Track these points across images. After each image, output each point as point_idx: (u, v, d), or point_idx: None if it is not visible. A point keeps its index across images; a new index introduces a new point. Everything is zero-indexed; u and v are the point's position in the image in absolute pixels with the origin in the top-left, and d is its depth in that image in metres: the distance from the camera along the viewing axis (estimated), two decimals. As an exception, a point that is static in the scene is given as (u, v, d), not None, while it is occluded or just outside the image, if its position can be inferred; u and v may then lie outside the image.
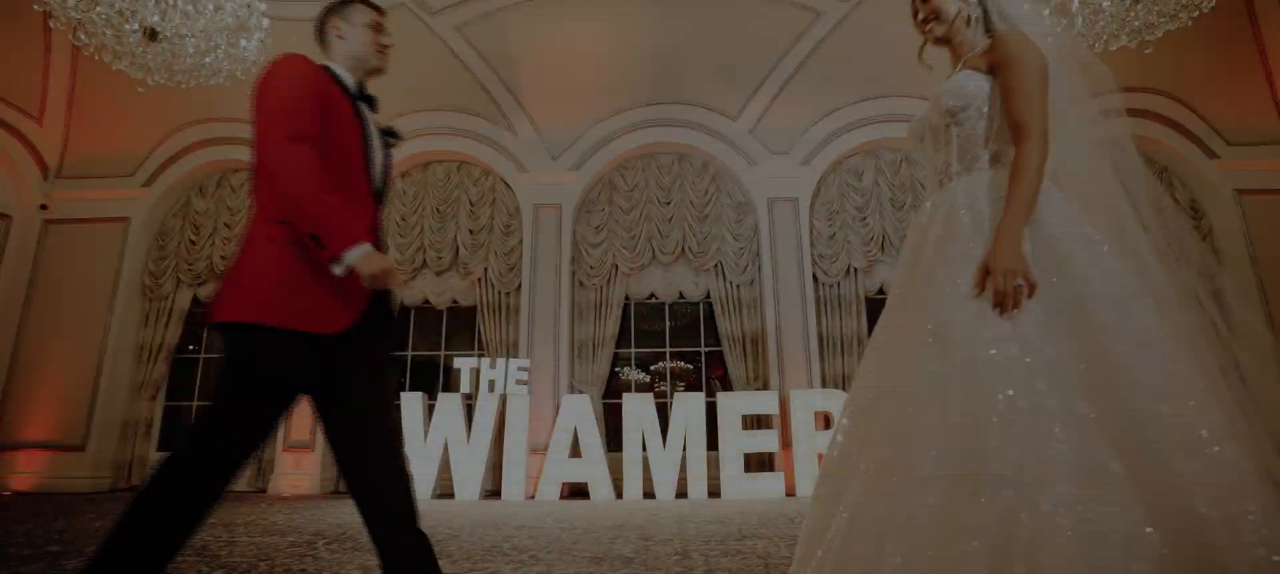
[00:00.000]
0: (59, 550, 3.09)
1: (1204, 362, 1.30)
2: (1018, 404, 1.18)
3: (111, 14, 4.58)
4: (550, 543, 3.34)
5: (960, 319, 1.31)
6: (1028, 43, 1.53)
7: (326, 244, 1.51)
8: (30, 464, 6.76)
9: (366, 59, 1.87)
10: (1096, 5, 4.54)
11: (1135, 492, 1.10)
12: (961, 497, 1.14)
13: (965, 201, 1.49)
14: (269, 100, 1.59)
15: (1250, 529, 1.07)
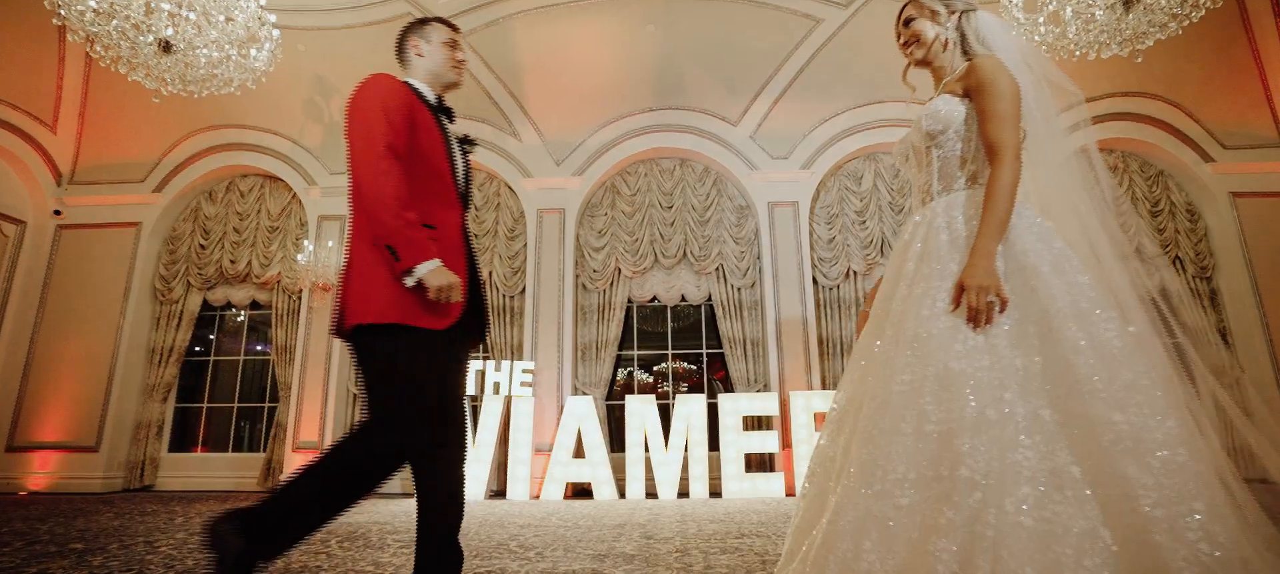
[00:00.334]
0: (82, 547, 3.21)
1: (1163, 370, 1.38)
2: (987, 413, 1.27)
3: (126, 27, 4.70)
4: (555, 541, 3.45)
5: (935, 332, 1.40)
6: (1001, 68, 1.62)
7: (400, 258, 1.63)
8: (45, 465, 6.90)
9: (444, 74, 2.01)
10: (1089, 15, 4.63)
11: (1092, 494, 1.20)
12: (933, 499, 1.24)
13: (944, 221, 1.59)
14: (361, 119, 1.71)
15: (1195, 527, 1.16)
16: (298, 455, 6.83)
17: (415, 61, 1.99)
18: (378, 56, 6.83)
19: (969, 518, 1.18)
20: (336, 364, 7.08)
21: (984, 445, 1.24)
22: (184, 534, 3.68)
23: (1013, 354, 1.35)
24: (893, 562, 1.21)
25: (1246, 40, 6.65)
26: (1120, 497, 1.20)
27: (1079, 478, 1.20)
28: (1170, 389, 1.35)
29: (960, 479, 1.22)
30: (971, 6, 1.79)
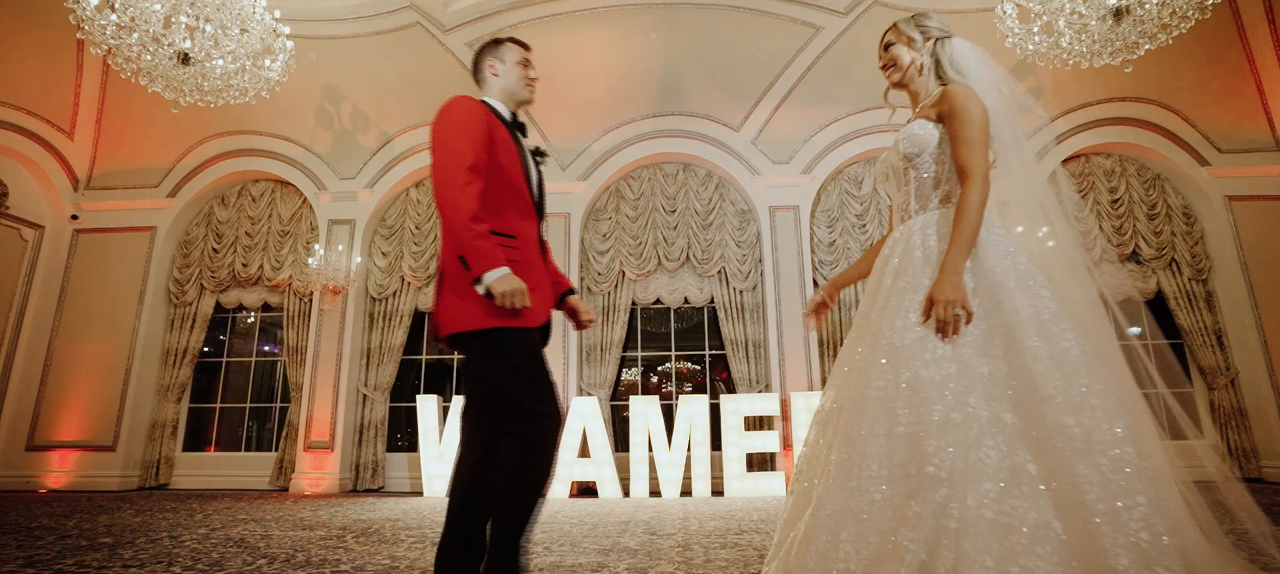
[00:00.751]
0: (112, 541, 3.36)
1: (1118, 378, 1.50)
2: (952, 416, 1.40)
3: (146, 39, 4.86)
4: (561, 537, 3.59)
5: (908, 342, 1.53)
6: (972, 95, 1.73)
7: (470, 267, 1.74)
8: (64, 463, 7.08)
9: (518, 92, 2.11)
10: (1082, 25, 4.75)
11: (1046, 489, 1.32)
12: (903, 494, 1.36)
13: (918, 238, 1.71)
14: (444, 139, 1.85)
15: (1137, 518, 1.28)
16: (309, 454, 6.99)
17: (491, 81, 2.10)
18: (386, 65, 7.02)
19: (935, 511, 1.31)
20: (347, 366, 7.24)
21: (949, 446, 1.36)
22: (205, 530, 3.83)
23: (979, 362, 1.47)
24: (866, 552, 1.34)
25: (1241, 47, 6.75)
26: (1071, 491, 1.32)
27: (1035, 475, 1.33)
28: (1123, 396, 1.46)
29: (927, 476, 1.35)
30: (946, 34, 1.90)
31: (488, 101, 2.05)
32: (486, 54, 2.13)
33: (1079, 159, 7.59)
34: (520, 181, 1.97)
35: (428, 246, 7.60)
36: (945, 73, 1.86)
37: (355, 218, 7.64)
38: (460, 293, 1.81)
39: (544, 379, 1.83)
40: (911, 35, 1.90)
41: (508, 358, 1.80)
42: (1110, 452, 1.34)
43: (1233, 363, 6.97)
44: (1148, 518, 1.28)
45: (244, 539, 3.50)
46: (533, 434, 1.77)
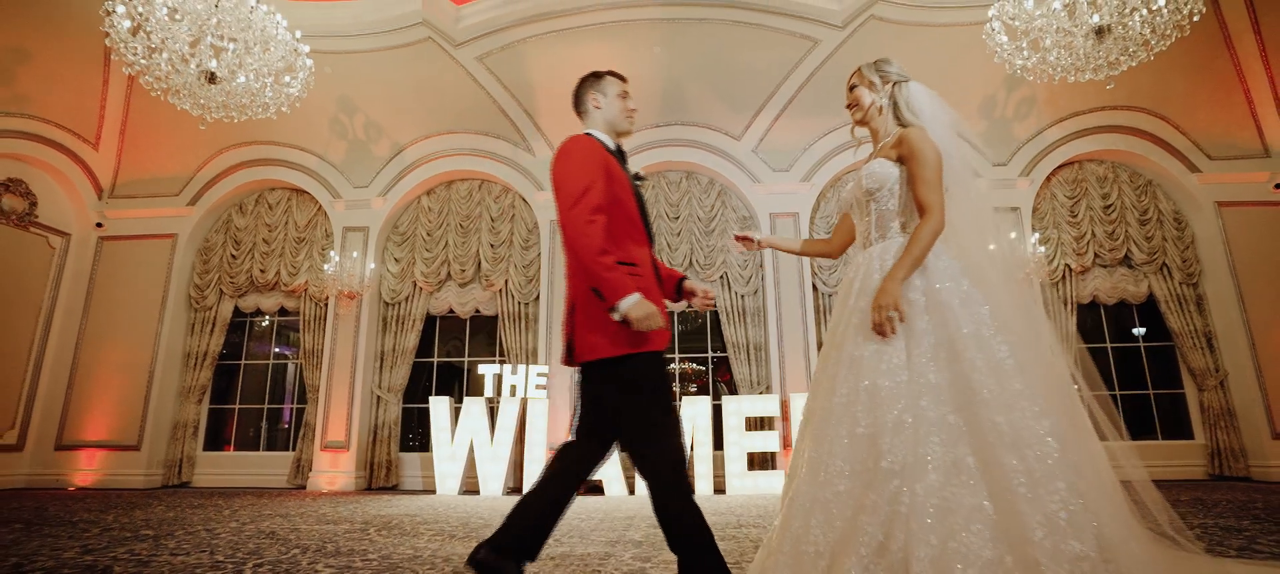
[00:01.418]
0: (153, 534, 3.61)
1: (1048, 382, 1.72)
2: (904, 418, 1.62)
3: (175, 59, 5.12)
4: (570, 530, 3.82)
5: (867, 355, 1.75)
6: (926, 139, 1.94)
7: (605, 298, 1.86)
8: (91, 462, 7.36)
9: (619, 123, 2.20)
10: (1068, 42, 4.95)
11: (981, 479, 1.55)
12: (862, 485, 1.59)
13: (878, 264, 1.93)
14: (567, 179, 1.94)
15: (1055, 501, 1.50)
16: (325, 453, 7.25)
17: (593, 113, 2.18)
18: (399, 77, 7.27)
19: (889, 499, 1.53)
20: (362, 368, 7.50)
21: (900, 444, 1.59)
22: (236, 524, 4.08)
23: (928, 371, 1.69)
24: (832, 535, 1.56)
25: (1229, 57, 6.92)
26: (1001, 478, 1.53)
27: (973, 466, 1.55)
28: (1052, 397, 1.67)
29: (882, 469, 1.57)
30: (904, 79, 2.11)
31: (594, 134, 2.14)
32: (589, 87, 2.22)
33: (1073, 165, 7.78)
34: (634, 211, 2.06)
35: (438, 252, 7.85)
36: (902, 114, 2.06)
37: (369, 225, 7.90)
38: (592, 324, 1.93)
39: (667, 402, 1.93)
40: (872, 79, 2.11)
41: (638, 383, 1.91)
42: (1035, 445, 1.56)
43: (1222, 365, 7.16)
44: (1066, 499, 1.50)
45: (274, 532, 3.75)
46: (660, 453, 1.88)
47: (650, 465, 1.88)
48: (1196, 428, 7.20)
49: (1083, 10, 4.79)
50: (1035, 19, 4.97)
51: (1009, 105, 7.40)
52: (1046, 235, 7.54)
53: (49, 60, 6.84)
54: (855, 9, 6.58)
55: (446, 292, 7.87)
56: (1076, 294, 7.50)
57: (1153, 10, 4.68)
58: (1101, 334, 7.74)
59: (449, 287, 7.87)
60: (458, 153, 7.90)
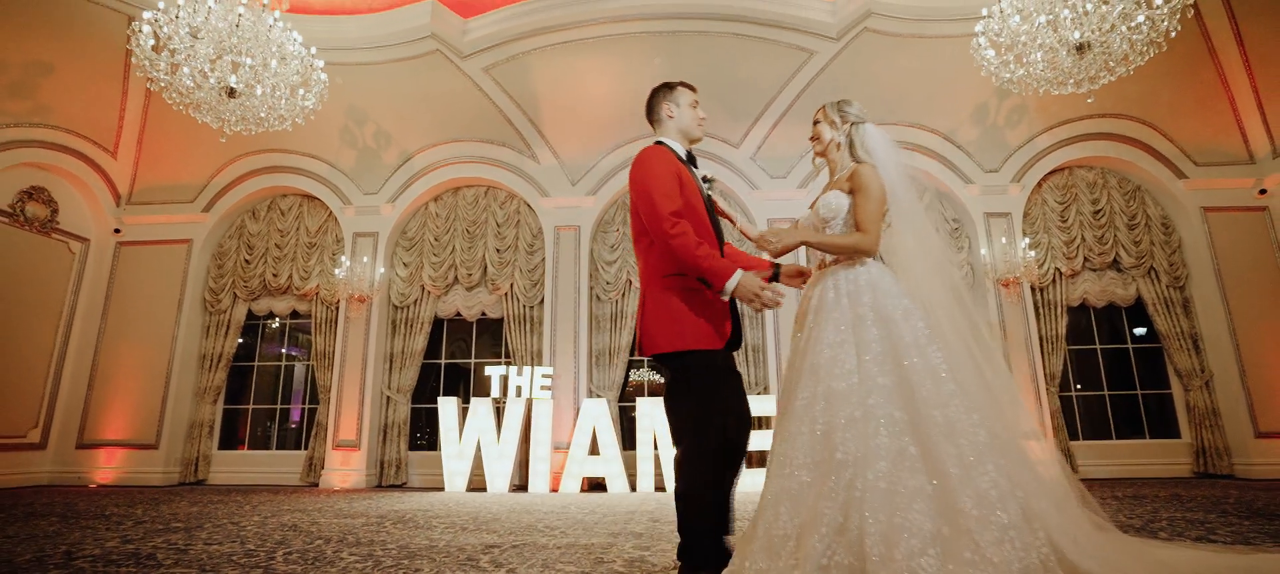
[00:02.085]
0: (184, 527, 3.85)
1: (973, 382, 1.95)
2: (855, 415, 1.86)
3: (195, 74, 5.36)
4: (575, 524, 4.05)
5: (823, 363, 1.99)
6: (875, 176, 2.19)
7: (712, 285, 2.10)
8: (111, 461, 7.62)
9: (691, 131, 2.38)
10: (1051, 59, 5.15)
11: (922, 464, 1.78)
12: (821, 475, 1.82)
13: (831, 285, 2.16)
14: (650, 187, 2.15)
15: (984, 480, 1.72)
16: (337, 452, 7.49)
17: (667, 122, 2.35)
18: (407, 88, 7.51)
19: (845, 486, 1.76)
20: (372, 369, 7.74)
21: (852, 438, 1.82)
22: (259, 518, 4.32)
23: (878, 375, 1.93)
24: (798, 520, 1.79)
25: (1214, 66, 7.11)
26: (938, 462, 1.76)
27: (915, 454, 1.78)
28: (979, 396, 1.91)
29: (836, 461, 1.81)
30: (862, 121, 2.35)
31: (666, 143, 2.32)
32: (662, 97, 2.38)
33: (1063, 171, 7.98)
34: (703, 215, 2.23)
35: (446, 257, 8.09)
36: (857, 153, 2.31)
37: (378, 231, 8.14)
38: (654, 320, 2.17)
39: (711, 405, 2.10)
40: (834, 118, 2.35)
41: (687, 379, 2.13)
42: (967, 435, 1.80)
43: (1207, 366, 7.35)
44: (994, 479, 1.73)
45: (296, 525, 3.99)
46: (692, 443, 2.12)
47: (683, 452, 2.12)
48: (1183, 427, 7.39)
49: (1065, 27, 4.99)
50: (1020, 36, 5.18)
51: (1000, 113, 7.60)
52: (1037, 239, 7.75)
53: (71, 73, 7.09)
54: (850, 21, 6.79)
55: (453, 295, 8.10)
56: (1067, 297, 7.70)
57: (1132, 27, 4.88)
58: (1092, 336, 7.94)
59: (456, 290, 8.11)
60: (464, 160, 8.14)
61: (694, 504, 2.09)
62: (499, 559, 2.82)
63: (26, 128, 7.16)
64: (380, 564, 2.70)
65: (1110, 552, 1.81)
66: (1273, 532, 3.21)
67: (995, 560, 1.56)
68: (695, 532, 2.08)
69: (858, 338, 1.99)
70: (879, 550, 1.59)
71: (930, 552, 1.57)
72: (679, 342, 2.12)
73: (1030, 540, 1.65)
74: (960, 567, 1.55)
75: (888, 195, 2.20)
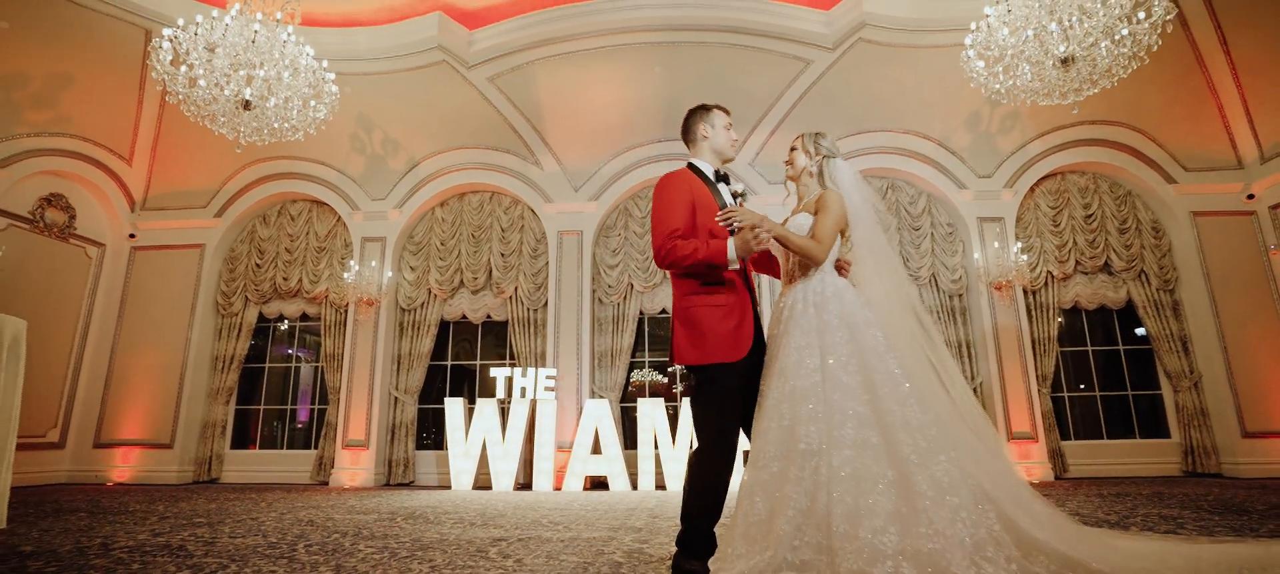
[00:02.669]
0: (206, 521, 4.06)
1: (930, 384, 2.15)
2: (817, 410, 2.07)
3: (211, 87, 5.57)
4: (577, 519, 4.25)
5: (789, 366, 2.20)
6: (838, 200, 2.41)
7: (719, 264, 2.30)
8: (127, 459, 7.84)
9: (724, 151, 2.58)
10: (1039, 72, 5.32)
11: (884, 453, 1.98)
12: (788, 464, 2.03)
13: (801, 295, 2.37)
14: (657, 213, 2.41)
15: (938, 468, 1.93)
16: (347, 452, 7.70)
17: (701, 142, 2.55)
18: (414, 97, 7.73)
19: (810, 473, 1.97)
20: (380, 370, 7.95)
21: (815, 430, 2.03)
22: (276, 514, 4.52)
23: (844, 374, 2.13)
24: (768, 505, 1.99)
25: (1202, 74, 7.27)
26: (897, 452, 1.97)
27: (877, 444, 1.99)
28: (932, 398, 2.11)
29: (799, 451, 2.01)
30: (833, 154, 2.55)
31: (695, 163, 2.54)
32: (699, 119, 2.58)
33: (1055, 177, 8.15)
34: (722, 233, 2.39)
35: (452, 261, 8.30)
36: (825, 181, 2.52)
37: (386, 235, 8.35)
38: (683, 335, 2.39)
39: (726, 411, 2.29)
40: (809, 148, 2.56)
41: (707, 387, 2.34)
42: (922, 430, 2.01)
43: (1196, 367, 7.52)
44: (946, 468, 1.94)
45: (313, 520, 4.19)
46: (708, 444, 2.31)
47: (699, 450, 2.34)
48: (1172, 427, 7.56)
49: (1051, 39, 5.17)
50: (1007, 49, 5.35)
51: (993, 121, 7.78)
52: (1030, 243, 7.92)
53: (89, 83, 7.31)
54: (845, 32, 6.97)
55: (459, 298, 8.31)
56: (1058, 300, 7.87)
57: (1116, 41, 5.06)
58: (1084, 338, 8.11)
59: (462, 293, 8.32)
60: (470, 167, 8.34)
61: (699, 498, 2.29)
62: (506, 551, 3.01)
63: (46, 137, 7.38)
64: (396, 556, 2.89)
65: (1061, 525, 2.01)
66: (1237, 526, 3.39)
67: (947, 534, 1.75)
68: (695, 523, 2.28)
69: (822, 342, 2.19)
70: (844, 528, 1.79)
71: (891, 529, 1.77)
72: (702, 357, 2.33)
73: (980, 518, 1.85)
74: (917, 540, 1.74)
75: (850, 222, 2.40)
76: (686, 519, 2.31)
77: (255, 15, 5.52)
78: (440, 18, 7.00)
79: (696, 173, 2.52)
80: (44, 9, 6.49)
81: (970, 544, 1.76)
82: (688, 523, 2.31)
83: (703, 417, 2.35)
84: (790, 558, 1.83)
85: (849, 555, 1.78)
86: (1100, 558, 1.91)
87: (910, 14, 6.82)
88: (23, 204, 7.40)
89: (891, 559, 1.73)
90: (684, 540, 2.31)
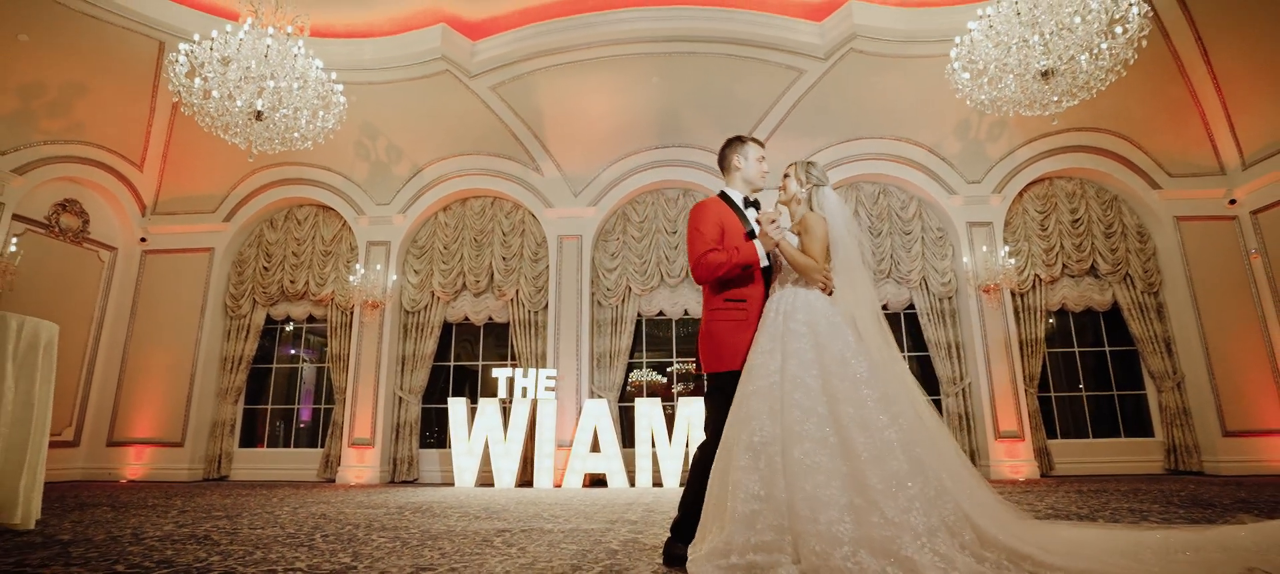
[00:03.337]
0: (224, 514, 4.27)
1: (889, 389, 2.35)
2: (774, 407, 2.27)
3: (224, 99, 5.78)
4: (576, 513, 4.46)
5: (757, 365, 2.41)
6: (821, 223, 2.64)
7: (750, 265, 2.57)
8: (139, 457, 8.06)
9: (755, 181, 2.83)
10: (1022, 85, 5.53)
11: (840, 449, 2.18)
12: (742, 453, 2.23)
13: (775, 303, 2.57)
14: (692, 235, 2.68)
15: (893, 465, 2.13)
16: (353, 450, 7.91)
17: (734, 172, 2.81)
18: (418, 105, 7.95)
19: (764, 463, 2.18)
20: (385, 371, 8.17)
21: (768, 424, 2.24)
22: (289, 509, 4.74)
23: (803, 375, 2.34)
24: (722, 489, 2.22)
25: (1185, 83, 7.48)
26: (852, 448, 2.17)
27: (833, 442, 2.19)
28: (890, 401, 2.31)
29: (754, 443, 2.22)
30: (822, 183, 2.78)
31: (727, 192, 2.80)
32: (734, 150, 2.84)
33: (1043, 182, 8.36)
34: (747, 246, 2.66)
35: (455, 265, 8.52)
36: (813, 206, 2.74)
37: (390, 240, 8.57)
38: (705, 346, 2.67)
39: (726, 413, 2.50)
40: (801, 176, 2.79)
41: (716, 391, 2.61)
42: (878, 430, 2.21)
43: (1179, 368, 7.73)
44: (901, 462, 2.14)
45: (325, 513, 4.41)
46: (704, 445, 2.58)
47: (704, 445, 2.61)
48: (1156, 426, 7.77)
49: (1033, 53, 5.38)
50: (991, 63, 5.56)
51: (982, 128, 7.99)
52: (1017, 247, 8.13)
53: (103, 92, 7.53)
54: (837, 43, 7.19)
55: (462, 301, 8.53)
56: (1046, 302, 8.08)
57: (1095, 54, 5.27)
58: (1071, 339, 8.33)
59: (464, 296, 8.54)
60: (472, 172, 8.56)
61: (693, 487, 2.54)
62: (510, 540, 3.23)
63: (62, 144, 7.61)
64: (407, 544, 3.11)
65: (1010, 520, 2.23)
66: (1197, 519, 3.60)
67: (898, 522, 1.96)
68: (688, 510, 2.51)
69: (784, 347, 2.41)
70: (806, 512, 2.01)
71: (847, 519, 1.98)
72: (717, 365, 2.62)
73: (934, 507, 2.06)
74: (870, 529, 1.95)
75: (832, 244, 2.63)
76: (682, 507, 2.55)
77: (267, 29, 5.75)
78: (444, 29, 7.21)
79: (727, 200, 2.77)
80: (62, 21, 6.71)
81: (923, 529, 1.97)
82: (682, 510, 2.53)
83: (708, 416, 2.63)
84: (750, 539, 2.04)
85: (810, 538, 2.00)
86: (1046, 549, 2.12)
87: (899, 26, 7.03)
88: (39, 209, 7.62)
89: (848, 545, 1.94)
90: (677, 526, 2.54)
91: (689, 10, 7.11)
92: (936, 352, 7.93)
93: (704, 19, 7.15)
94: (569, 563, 2.59)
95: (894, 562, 1.89)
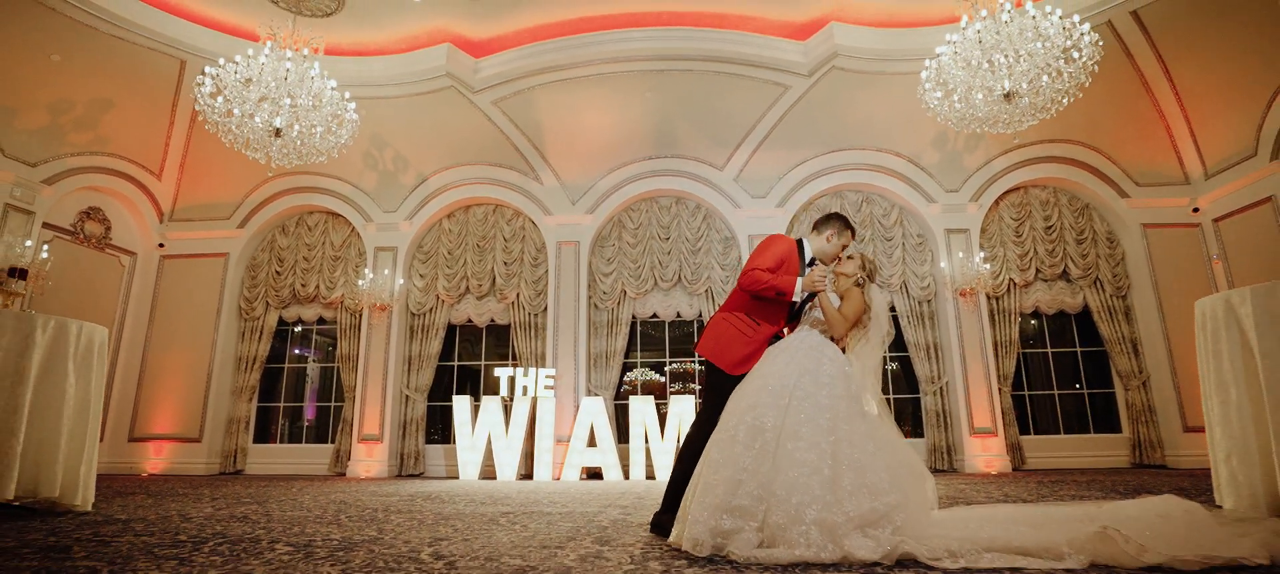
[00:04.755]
0: (252, 502, 4.70)
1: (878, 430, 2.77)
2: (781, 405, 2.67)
3: (245, 119, 6.21)
4: (573, 500, 4.89)
5: (774, 371, 2.80)
6: (862, 302, 3.05)
7: (784, 293, 2.98)
8: (159, 453, 8.49)
9: (824, 256, 3.19)
10: (990, 102, 5.96)
11: (830, 452, 2.59)
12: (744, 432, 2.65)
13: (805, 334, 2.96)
14: (760, 251, 3.10)
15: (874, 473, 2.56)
16: (362, 445, 8.35)
17: (818, 237, 3.18)
18: (424, 118, 8.38)
19: (759, 445, 2.58)
20: (392, 370, 8.60)
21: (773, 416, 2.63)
22: (309, 498, 5.17)
23: (821, 395, 2.72)
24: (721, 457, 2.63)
25: (1150, 99, 7.90)
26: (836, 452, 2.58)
27: (825, 448, 2.60)
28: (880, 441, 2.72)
29: (757, 426, 2.63)
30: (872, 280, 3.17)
31: (804, 241, 3.20)
32: (833, 225, 3.19)
33: (1019, 191, 8.79)
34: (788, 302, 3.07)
35: (458, 269, 8.94)
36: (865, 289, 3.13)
37: (397, 245, 9.00)
38: (711, 335, 3.13)
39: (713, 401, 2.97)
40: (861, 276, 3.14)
41: (712, 383, 3.07)
42: (859, 442, 2.62)
43: (1145, 368, 8.16)
44: (878, 468, 2.55)
45: (344, 501, 4.84)
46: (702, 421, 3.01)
47: (694, 425, 3.07)
48: (1123, 423, 8.21)
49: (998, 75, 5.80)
50: (959, 84, 5.99)
51: (959, 140, 8.42)
52: (993, 253, 8.56)
53: (127, 107, 7.96)
54: (819, 61, 7.61)
55: (465, 303, 8.96)
56: (1020, 305, 8.52)
57: (1054, 76, 5.69)
58: (1044, 340, 8.76)
59: (467, 299, 8.97)
60: (475, 182, 8.99)
61: (681, 461, 3.00)
62: (514, 520, 3.66)
63: (87, 156, 8.04)
64: (423, 523, 3.54)
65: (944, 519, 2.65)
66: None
67: (849, 512, 2.37)
68: (674, 483, 2.95)
69: (808, 366, 2.78)
70: (782, 492, 2.42)
71: (814, 506, 2.40)
72: (714, 358, 3.10)
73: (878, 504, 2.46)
74: (829, 514, 2.37)
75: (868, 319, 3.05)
76: (670, 484, 3.00)
77: (286, 51, 6.17)
78: (449, 49, 7.64)
79: (800, 248, 3.20)
80: (90, 41, 7.13)
81: (858, 519, 2.39)
82: (670, 487, 2.99)
83: (706, 406, 3.09)
84: (730, 501, 2.47)
85: (777, 512, 2.42)
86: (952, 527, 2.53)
87: (877, 45, 7.46)
88: (65, 217, 8.05)
89: (805, 524, 2.36)
90: (665, 500, 2.98)
91: (681, 31, 7.53)
92: (916, 352, 8.36)
93: (695, 39, 7.57)
94: (566, 535, 3.02)
95: (833, 542, 2.31)
